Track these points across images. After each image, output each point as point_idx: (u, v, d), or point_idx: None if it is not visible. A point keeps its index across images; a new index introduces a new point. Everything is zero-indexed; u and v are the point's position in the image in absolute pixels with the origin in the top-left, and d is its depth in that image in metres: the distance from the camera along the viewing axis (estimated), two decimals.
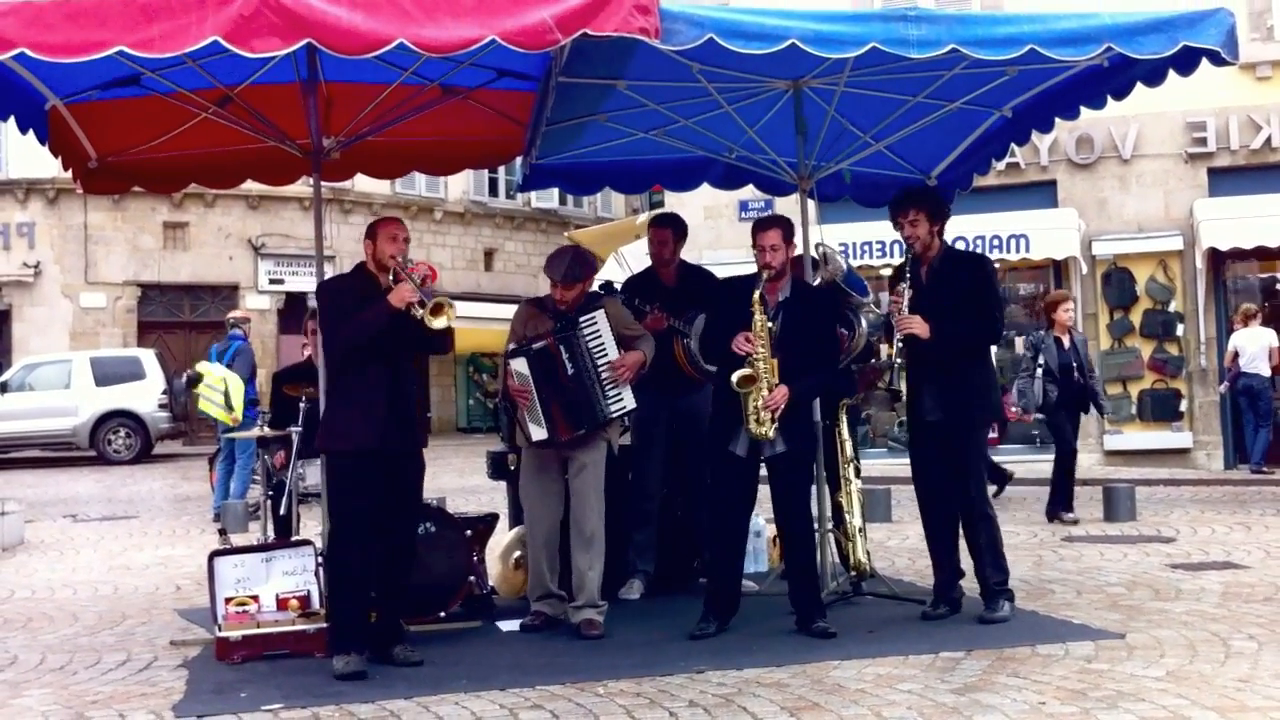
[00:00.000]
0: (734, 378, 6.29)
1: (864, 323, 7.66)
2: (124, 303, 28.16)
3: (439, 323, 5.96)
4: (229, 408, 13.31)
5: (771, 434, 6.37)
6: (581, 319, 6.84)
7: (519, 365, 6.81)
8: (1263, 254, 17.16)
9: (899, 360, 6.71)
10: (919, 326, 6.60)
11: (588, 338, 6.80)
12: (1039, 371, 11.32)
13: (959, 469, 6.80)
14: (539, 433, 6.77)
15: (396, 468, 6.15)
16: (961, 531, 6.89)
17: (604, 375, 6.78)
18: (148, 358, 24.51)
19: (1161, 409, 17.47)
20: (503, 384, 6.98)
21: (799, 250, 7.19)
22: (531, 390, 6.75)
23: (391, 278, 6.15)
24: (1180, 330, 17.48)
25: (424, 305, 5.95)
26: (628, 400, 6.84)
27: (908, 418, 7.12)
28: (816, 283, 7.53)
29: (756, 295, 6.41)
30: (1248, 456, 16.07)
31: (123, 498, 16.90)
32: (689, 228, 8.20)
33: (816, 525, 7.31)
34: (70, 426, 23.49)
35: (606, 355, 6.80)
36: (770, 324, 6.46)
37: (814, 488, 7.42)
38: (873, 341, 7.85)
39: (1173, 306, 17.56)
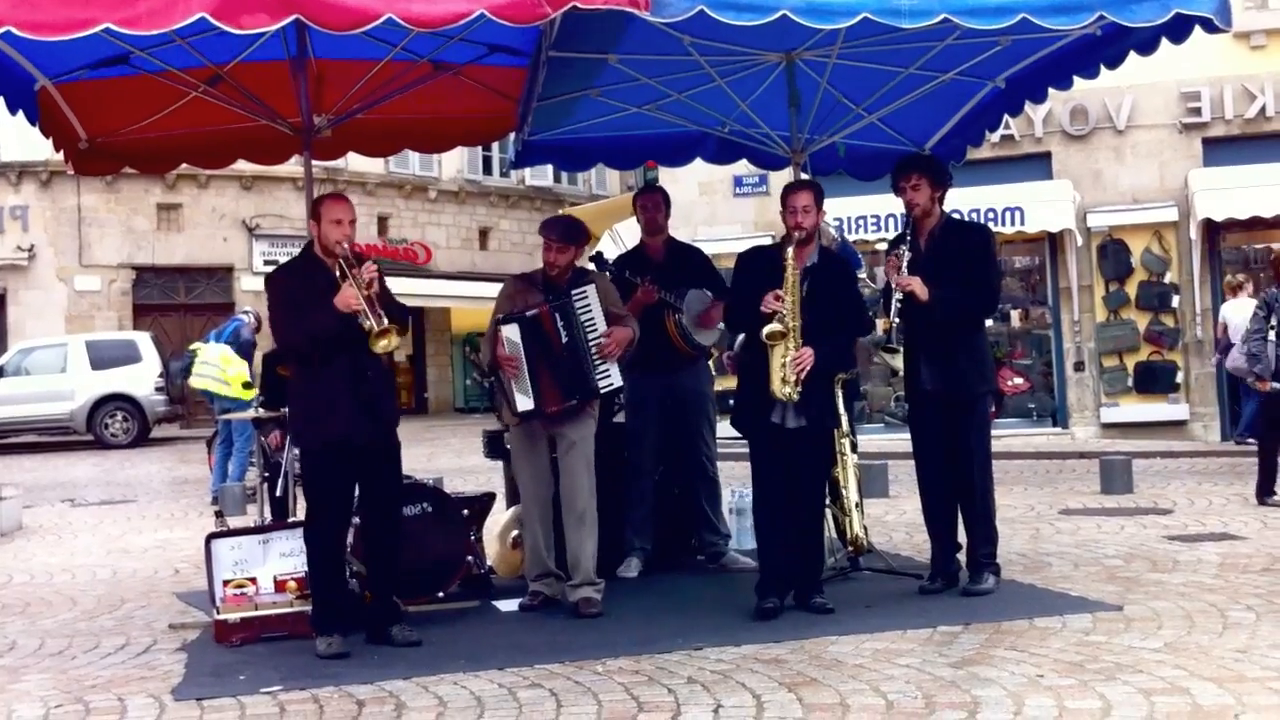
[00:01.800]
0: (764, 332, 6.19)
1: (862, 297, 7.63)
2: (119, 285, 28.13)
3: (379, 346, 5.84)
4: (225, 382, 13.34)
5: (796, 396, 6.23)
6: (574, 291, 6.80)
7: (510, 332, 6.72)
8: (1257, 224, 17.11)
9: (897, 320, 6.68)
10: (918, 286, 6.57)
11: (580, 310, 6.77)
12: (1272, 334, 10.32)
13: (958, 441, 6.78)
14: (525, 403, 6.68)
15: (367, 452, 6.09)
16: (960, 503, 6.88)
17: (594, 349, 6.75)
18: (143, 340, 24.46)
19: (1158, 381, 17.45)
20: (490, 353, 6.85)
21: None
22: (521, 359, 6.67)
23: (338, 273, 5.97)
24: (1176, 302, 17.45)
25: (369, 321, 5.80)
26: (615, 377, 6.80)
27: (906, 389, 7.10)
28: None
29: (790, 252, 6.30)
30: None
31: (120, 481, 16.89)
32: (682, 204, 8.17)
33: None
34: (67, 411, 23.44)
35: (596, 329, 6.76)
36: (800, 288, 6.35)
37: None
38: (869, 316, 7.83)
39: (1168, 278, 17.53)
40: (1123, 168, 17.66)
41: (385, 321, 5.85)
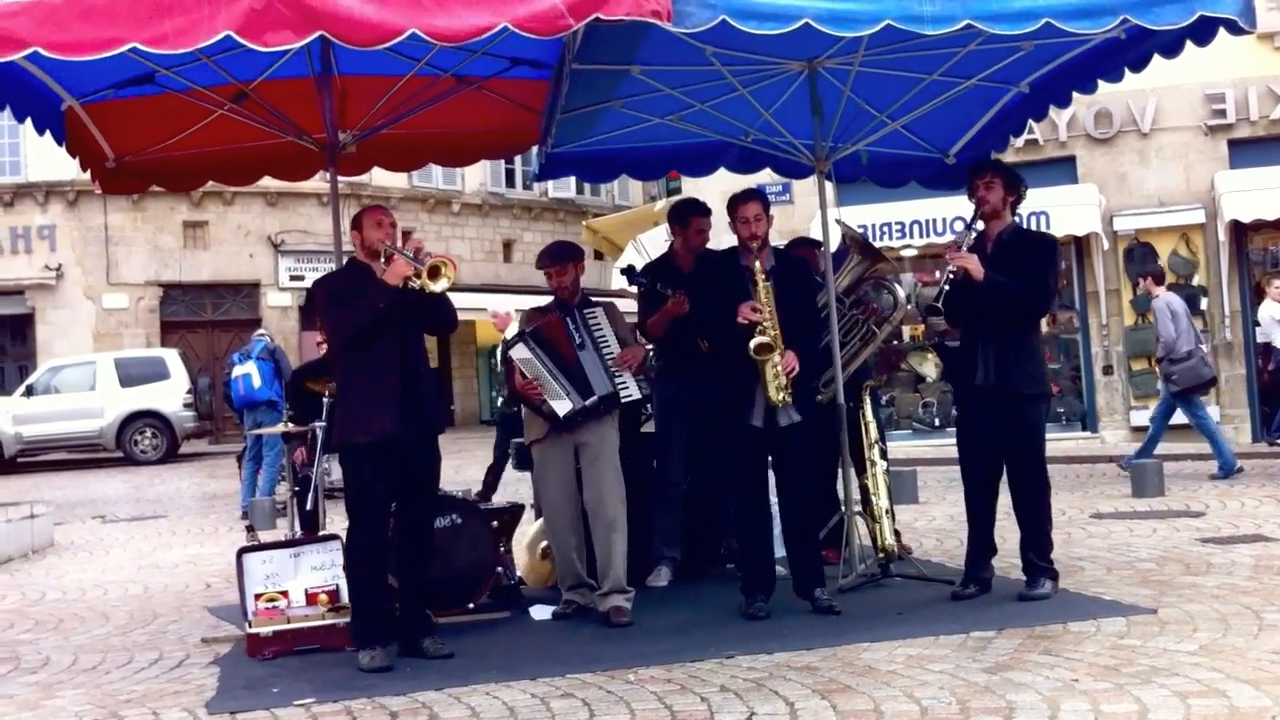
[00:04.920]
0: (752, 345, 6.33)
1: (900, 292, 7.62)
2: (146, 303, 28.30)
3: (440, 285, 5.89)
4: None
5: (789, 400, 6.42)
6: (585, 310, 6.95)
7: (520, 353, 6.78)
8: None
9: (946, 286, 6.70)
10: (973, 264, 6.57)
11: (592, 325, 6.86)
12: None
13: (1010, 442, 6.74)
14: (564, 406, 6.72)
15: (413, 454, 6.13)
16: (1013, 506, 6.86)
17: (609, 358, 6.80)
18: (171, 357, 24.61)
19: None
20: (510, 387, 6.96)
21: (817, 235, 7.20)
22: (540, 371, 6.73)
23: (383, 260, 6.06)
24: (1204, 304, 17.34)
25: (419, 275, 5.88)
26: (634, 390, 6.89)
27: (957, 387, 7.09)
28: (854, 262, 7.56)
29: (757, 265, 6.50)
30: None
31: (150, 497, 16.98)
32: None
33: (844, 508, 7.30)
34: (96, 428, 23.61)
35: (609, 343, 6.86)
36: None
37: (839, 469, 7.43)
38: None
39: (1196, 280, 17.42)
40: (1148, 170, 17.57)
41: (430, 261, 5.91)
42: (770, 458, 6.77)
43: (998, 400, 6.69)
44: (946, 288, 6.73)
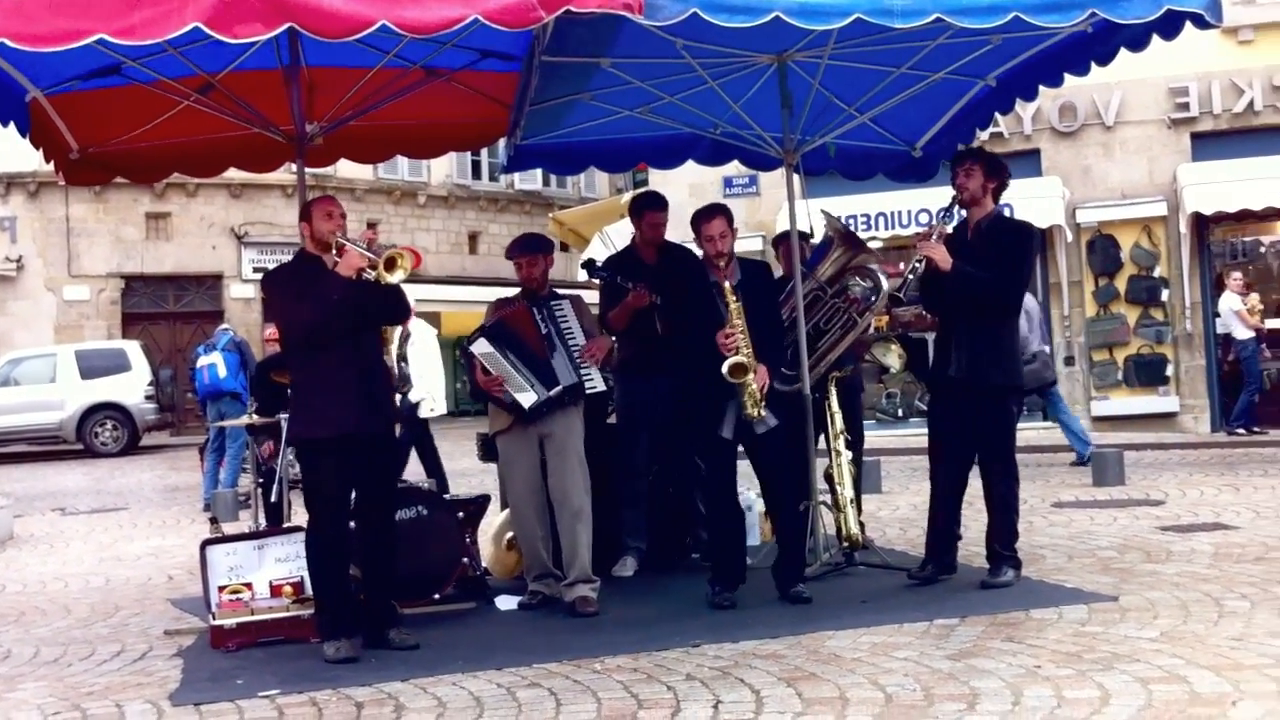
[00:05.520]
0: (726, 368, 6.37)
1: (884, 281, 7.65)
2: (108, 295, 28.07)
3: (396, 276, 5.88)
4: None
5: (764, 413, 6.48)
6: (551, 302, 6.97)
7: (481, 348, 6.77)
8: (1246, 217, 17.17)
9: (910, 276, 6.76)
10: (940, 254, 6.62)
11: (559, 317, 6.88)
12: None
13: (979, 434, 6.80)
14: (528, 398, 6.73)
15: (371, 449, 6.11)
16: (984, 496, 6.92)
17: (574, 350, 6.82)
18: (133, 349, 24.44)
19: (1148, 374, 17.51)
20: (472, 383, 6.96)
21: (786, 227, 7.24)
22: (503, 364, 6.72)
23: (335, 252, 6.01)
24: (1166, 295, 17.52)
25: (375, 266, 5.86)
26: (598, 382, 6.92)
27: (930, 377, 7.13)
28: (839, 253, 7.60)
29: (728, 286, 6.52)
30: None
31: (112, 490, 16.87)
32: (673, 205, 8.19)
33: (809, 498, 7.34)
34: (57, 420, 23.44)
35: (574, 335, 6.88)
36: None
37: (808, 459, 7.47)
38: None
39: (1158, 272, 17.60)
40: (1112, 163, 17.71)
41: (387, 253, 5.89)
42: (749, 459, 6.81)
43: (971, 392, 6.74)
44: (911, 277, 6.77)
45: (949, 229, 6.83)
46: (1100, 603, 6.24)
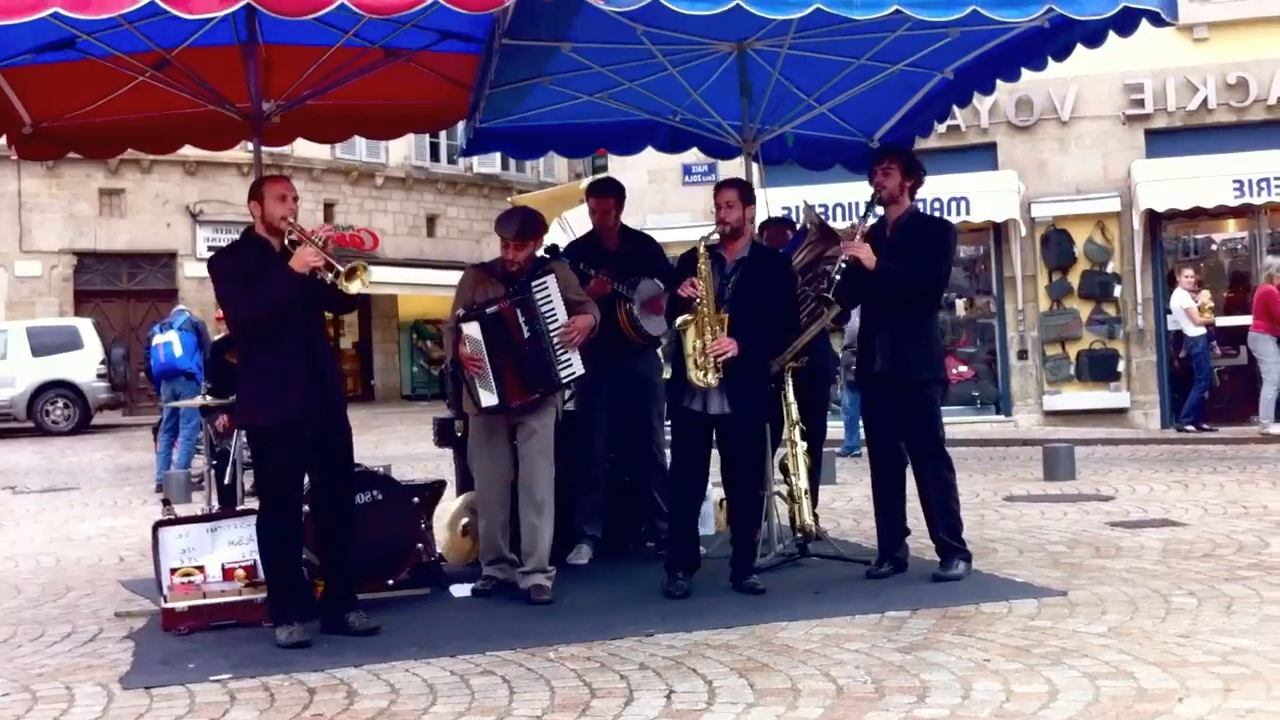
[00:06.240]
0: (677, 321, 6.41)
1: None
2: (60, 271, 27.77)
3: (354, 287, 5.83)
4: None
5: (714, 381, 6.45)
6: (534, 283, 6.80)
7: (472, 330, 6.72)
8: (1199, 214, 17.32)
9: (838, 276, 6.76)
10: (865, 253, 6.65)
11: (540, 302, 6.77)
12: None
13: (908, 425, 6.86)
14: (489, 399, 6.72)
15: (323, 441, 6.06)
16: (917, 489, 6.96)
17: (556, 339, 6.76)
18: (85, 327, 24.20)
19: (1100, 369, 17.66)
20: (453, 351, 6.88)
21: (758, 212, 7.25)
22: (484, 357, 6.68)
23: (288, 242, 5.92)
24: (1118, 291, 17.66)
25: (335, 271, 5.80)
26: (577, 366, 6.82)
27: (857, 373, 7.17)
28: (809, 246, 7.59)
29: (701, 243, 6.52)
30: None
31: (63, 469, 16.71)
32: (632, 192, 8.17)
33: (763, 488, 7.35)
34: (7, 398, 23.20)
35: (557, 320, 6.77)
36: (728, 280, 6.60)
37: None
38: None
39: (1111, 268, 17.73)
40: (1067, 158, 17.83)
41: (350, 264, 5.85)
42: (717, 444, 6.80)
43: (896, 386, 6.81)
44: (838, 277, 6.79)
45: (868, 226, 6.86)
46: (1050, 597, 6.29)
